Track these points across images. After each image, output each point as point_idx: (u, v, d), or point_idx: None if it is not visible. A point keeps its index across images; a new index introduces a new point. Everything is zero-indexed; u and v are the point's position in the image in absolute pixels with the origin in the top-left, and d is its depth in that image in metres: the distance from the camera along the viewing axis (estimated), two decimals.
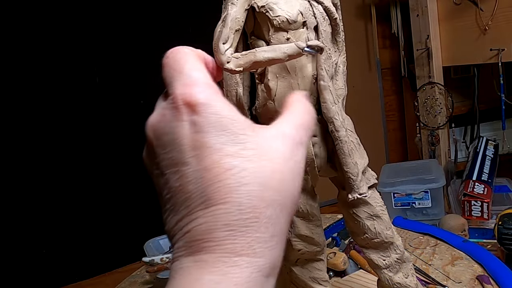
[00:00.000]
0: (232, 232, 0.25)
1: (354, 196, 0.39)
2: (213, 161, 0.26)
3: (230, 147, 0.26)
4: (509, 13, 1.34)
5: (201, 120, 0.27)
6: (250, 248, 0.25)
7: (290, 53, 0.33)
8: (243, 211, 0.25)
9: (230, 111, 0.27)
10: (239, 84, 0.38)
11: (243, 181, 0.26)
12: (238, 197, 0.25)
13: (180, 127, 0.27)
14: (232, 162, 0.26)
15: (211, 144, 0.26)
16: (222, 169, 0.26)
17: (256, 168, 0.26)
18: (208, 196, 0.26)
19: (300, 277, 0.44)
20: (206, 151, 0.26)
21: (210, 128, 0.26)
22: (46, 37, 1.35)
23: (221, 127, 0.27)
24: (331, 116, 0.38)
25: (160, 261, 0.86)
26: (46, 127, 1.38)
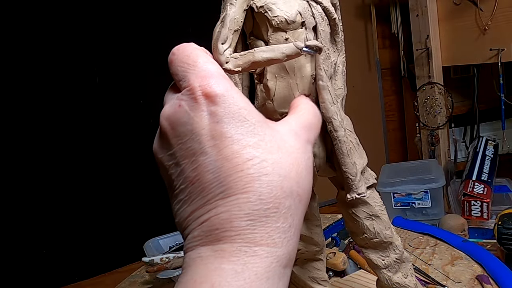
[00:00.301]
0: (252, 222, 0.25)
1: (353, 196, 0.39)
2: (233, 151, 0.26)
3: (250, 138, 0.27)
4: (509, 13, 1.34)
5: (221, 110, 0.27)
6: (269, 238, 0.25)
7: (288, 53, 0.33)
8: (263, 200, 0.26)
9: (247, 103, 0.28)
10: (238, 84, 0.38)
11: (264, 171, 0.26)
12: (259, 187, 0.26)
13: (199, 117, 0.27)
14: (253, 152, 0.26)
15: (231, 134, 0.26)
16: (243, 159, 0.26)
17: (276, 159, 0.27)
18: (228, 186, 0.26)
19: (299, 276, 0.44)
20: (226, 141, 0.26)
21: (230, 118, 0.27)
22: (46, 37, 1.35)
23: (240, 118, 0.27)
24: (330, 116, 0.38)
25: (160, 261, 0.86)
26: (46, 127, 1.38)
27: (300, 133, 0.30)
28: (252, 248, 0.25)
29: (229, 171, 0.26)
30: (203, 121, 0.27)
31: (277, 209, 0.26)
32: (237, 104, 0.27)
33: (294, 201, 0.27)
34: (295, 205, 0.27)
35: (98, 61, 1.44)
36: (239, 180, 0.26)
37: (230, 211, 0.25)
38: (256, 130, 0.27)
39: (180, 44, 0.31)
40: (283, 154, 0.27)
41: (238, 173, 0.26)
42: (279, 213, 0.26)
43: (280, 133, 0.28)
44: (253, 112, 0.28)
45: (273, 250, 0.25)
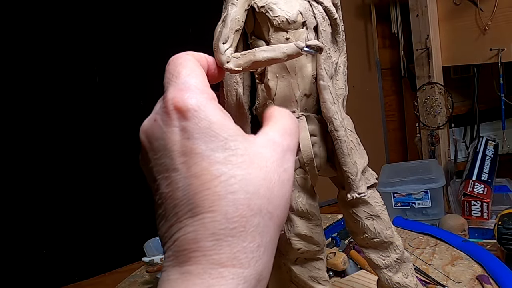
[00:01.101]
0: (218, 241, 0.25)
1: (353, 196, 0.39)
2: (202, 168, 0.26)
3: (219, 153, 0.26)
4: (509, 13, 1.34)
5: (191, 126, 0.26)
6: (236, 259, 0.25)
7: (289, 53, 0.33)
8: (229, 219, 0.25)
9: (222, 117, 0.27)
10: (239, 83, 0.38)
11: (230, 189, 0.25)
12: (225, 205, 0.25)
13: (171, 133, 0.27)
14: (221, 168, 0.25)
15: (200, 150, 0.26)
16: (211, 176, 0.25)
17: (245, 175, 0.26)
18: (196, 204, 0.25)
19: (299, 276, 0.44)
20: (195, 158, 0.26)
21: (200, 134, 0.26)
22: (46, 38, 1.35)
23: (211, 133, 0.26)
24: (331, 115, 0.38)
25: (160, 261, 0.86)
26: (46, 127, 1.38)
27: (278, 141, 0.28)
28: (218, 269, 0.24)
29: (197, 188, 0.25)
30: (174, 137, 0.26)
31: (243, 227, 0.25)
32: (208, 119, 0.26)
33: (263, 219, 0.26)
34: (264, 223, 0.26)
35: (98, 61, 1.44)
36: (206, 198, 0.25)
37: (196, 230, 0.25)
38: (228, 145, 0.26)
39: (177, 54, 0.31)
40: (253, 169, 0.26)
41: (205, 191, 0.25)
42: (246, 232, 0.25)
43: (256, 145, 0.27)
44: (226, 126, 0.27)
45: (239, 271, 0.25)
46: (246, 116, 0.38)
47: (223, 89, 0.38)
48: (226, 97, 0.38)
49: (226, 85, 0.38)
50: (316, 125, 0.40)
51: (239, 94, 0.38)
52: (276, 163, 0.27)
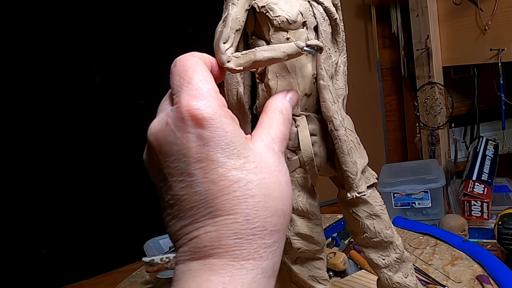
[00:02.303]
0: (240, 240, 0.27)
1: (353, 195, 0.39)
2: (219, 174, 0.27)
3: (235, 161, 0.28)
4: (509, 13, 1.34)
5: (207, 134, 0.27)
6: (256, 253, 0.27)
7: (289, 53, 0.33)
8: (250, 221, 0.27)
9: (233, 125, 0.29)
10: (239, 83, 0.38)
11: (249, 193, 0.28)
12: (246, 208, 0.27)
13: (186, 139, 0.28)
14: (238, 175, 0.28)
15: (217, 157, 0.27)
16: (229, 182, 0.27)
17: (260, 180, 0.28)
18: (216, 207, 0.27)
19: (299, 275, 0.44)
20: (212, 165, 0.27)
21: (216, 142, 0.28)
22: (47, 37, 1.36)
23: (226, 141, 0.28)
24: (331, 115, 0.38)
25: (160, 261, 0.86)
26: (46, 127, 1.38)
27: (274, 147, 0.31)
28: (239, 262, 0.27)
29: (216, 193, 0.27)
30: (189, 143, 0.28)
31: (263, 227, 0.28)
32: (223, 128, 0.28)
33: (279, 218, 0.29)
34: (280, 222, 0.29)
35: (98, 61, 1.44)
36: (226, 202, 0.27)
37: (218, 230, 0.27)
38: (241, 152, 0.28)
39: (183, 55, 0.31)
40: (265, 173, 0.29)
41: (224, 196, 0.27)
42: (265, 231, 0.28)
43: (259, 151, 0.30)
44: (238, 133, 0.29)
45: (259, 263, 0.28)
46: (246, 116, 0.38)
47: (224, 89, 0.38)
48: (227, 96, 0.38)
49: (227, 85, 0.38)
50: (316, 124, 0.40)
51: (239, 94, 0.38)
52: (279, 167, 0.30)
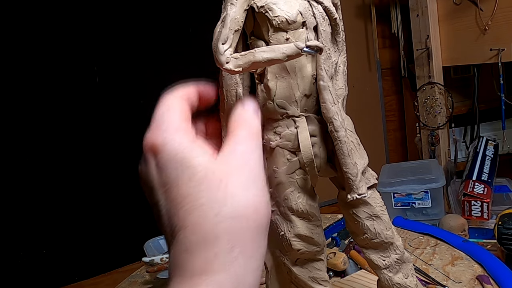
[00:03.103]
0: (191, 254, 0.27)
1: (354, 197, 0.39)
2: (174, 192, 0.28)
3: (185, 175, 0.28)
4: (509, 13, 1.34)
5: (161, 160, 0.29)
6: (208, 266, 0.26)
7: (289, 53, 0.33)
8: (198, 231, 0.27)
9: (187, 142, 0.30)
10: (238, 84, 0.38)
11: (197, 204, 0.27)
12: (193, 219, 0.27)
13: (150, 170, 0.30)
14: (188, 188, 0.28)
15: (171, 178, 0.29)
16: (180, 198, 0.28)
17: (208, 188, 0.28)
18: (173, 225, 0.28)
19: (299, 277, 0.44)
20: (168, 186, 0.29)
21: (169, 163, 0.29)
22: (47, 37, 1.35)
23: (177, 159, 0.29)
24: (331, 116, 0.38)
25: (160, 261, 0.86)
26: (46, 127, 1.38)
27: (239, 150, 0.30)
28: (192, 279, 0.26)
29: (173, 212, 0.28)
30: (153, 172, 0.30)
31: (214, 234, 0.27)
32: (174, 149, 0.29)
33: (234, 222, 0.27)
34: (235, 226, 0.27)
35: (98, 61, 1.44)
36: (178, 218, 0.28)
37: (175, 247, 0.28)
38: (191, 164, 0.29)
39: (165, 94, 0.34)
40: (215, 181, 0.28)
41: (178, 212, 0.28)
42: (218, 238, 0.27)
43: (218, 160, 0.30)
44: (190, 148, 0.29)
45: (212, 277, 0.26)
46: None
47: (223, 90, 0.38)
48: (226, 97, 0.38)
49: (225, 86, 0.38)
50: (316, 125, 0.40)
51: (239, 95, 0.38)
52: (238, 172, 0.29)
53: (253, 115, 0.34)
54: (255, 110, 0.34)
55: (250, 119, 0.33)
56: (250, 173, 0.29)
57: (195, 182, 0.28)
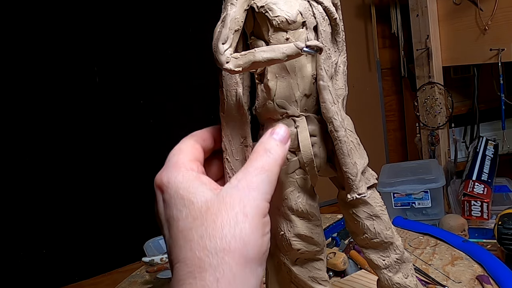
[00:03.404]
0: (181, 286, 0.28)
1: (353, 196, 0.39)
2: (174, 228, 0.31)
3: (183, 212, 0.30)
4: (509, 13, 1.34)
5: (166, 196, 0.32)
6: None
7: (289, 53, 0.33)
8: (188, 264, 0.29)
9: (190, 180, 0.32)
10: (238, 84, 0.38)
11: (188, 238, 0.29)
12: (185, 253, 0.29)
13: (158, 207, 0.33)
14: (183, 224, 0.30)
15: (173, 214, 0.31)
16: (178, 233, 0.30)
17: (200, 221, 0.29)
18: (172, 260, 0.30)
19: (299, 276, 0.44)
20: (171, 221, 0.31)
21: (172, 200, 0.31)
22: (46, 37, 1.35)
23: (179, 196, 0.31)
24: (330, 116, 0.38)
25: (160, 261, 0.86)
26: (46, 127, 1.38)
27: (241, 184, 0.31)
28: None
29: (172, 246, 0.30)
30: (160, 209, 0.32)
31: (200, 268, 0.28)
32: (176, 187, 0.32)
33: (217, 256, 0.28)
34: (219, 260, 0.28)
35: (98, 61, 1.44)
36: (174, 252, 0.30)
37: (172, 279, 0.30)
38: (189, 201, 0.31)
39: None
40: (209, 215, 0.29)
41: (175, 247, 0.30)
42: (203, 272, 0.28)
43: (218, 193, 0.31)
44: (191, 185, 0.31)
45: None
46: (245, 117, 0.38)
47: (223, 90, 0.38)
48: (226, 97, 0.38)
49: (225, 86, 0.38)
50: (316, 125, 0.40)
51: (238, 95, 0.38)
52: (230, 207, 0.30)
53: (278, 144, 0.34)
54: (282, 138, 0.34)
55: (274, 148, 0.33)
56: (244, 208, 0.30)
57: (191, 218, 0.30)
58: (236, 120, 0.38)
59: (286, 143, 0.34)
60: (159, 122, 1.50)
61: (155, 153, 1.43)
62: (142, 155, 1.46)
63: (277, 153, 0.33)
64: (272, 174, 0.32)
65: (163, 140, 1.42)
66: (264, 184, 0.31)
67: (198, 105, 1.54)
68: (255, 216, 0.30)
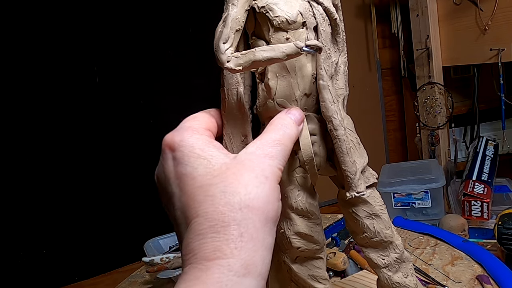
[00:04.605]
0: (202, 240, 0.28)
1: (352, 195, 0.40)
2: (189, 185, 0.30)
3: (201, 169, 0.31)
4: (509, 13, 1.34)
5: (178, 154, 0.32)
6: (219, 251, 0.28)
7: (288, 53, 0.33)
8: (209, 218, 0.29)
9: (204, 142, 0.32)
10: (239, 83, 0.38)
11: (208, 194, 0.29)
12: (205, 208, 0.29)
13: (166, 165, 0.32)
14: (202, 180, 0.30)
15: (187, 171, 0.31)
16: (194, 189, 0.30)
17: (222, 180, 0.30)
18: (187, 216, 0.30)
19: (299, 274, 0.44)
20: (184, 178, 0.31)
21: (185, 158, 0.31)
22: (47, 37, 1.36)
23: (194, 155, 0.31)
24: (330, 115, 0.38)
25: (160, 261, 0.86)
26: (46, 127, 1.38)
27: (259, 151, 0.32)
28: (204, 264, 0.28)
29: (187, 202, 0.30)
30: (169, 167, 0.32)
31: (224, 222, 0.28)
32: (191, 145, 0.32)
33: (241, 211, 0.29)
34: (243, 215, 0.29)
35: (98, 61, 1.44)
36: (192, 208, 0.30)
37: (188, 237, 0.29)
38: (207, 160, 0.31)
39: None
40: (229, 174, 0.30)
41: (191, 203, 0.30)
42: (228, 226, 0.28)
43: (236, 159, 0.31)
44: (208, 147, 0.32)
45: (223, 261, 0.28)
46: (246, 116, 0.39)
47: (224, 89, 0.38)
48: (227, 96, 0.38)
49: (227, 85, 0.38)
50: (316, 124, 0.40)
51: (239, 94, 0.38)
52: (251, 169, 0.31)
53: (293, 123, 0.35)
54: (297, 119, 0.36)
55: (289, 125, 0.35)
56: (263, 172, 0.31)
57: (209, 175, 0.30)
58: (237, 119, 0.39)
59: (299, 125, 0.36)
60: (159, 122, 1.50)
61: (155, 153, 1.43)
62: (142, 155, 1.46)
63: (292, 130, 0.35)
64: (286, 148, 0.34)
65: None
66: (279, 155, 0.33)
67: (198, 105, 1.54)
68: (273, 181, 0.31)
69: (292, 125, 0.35)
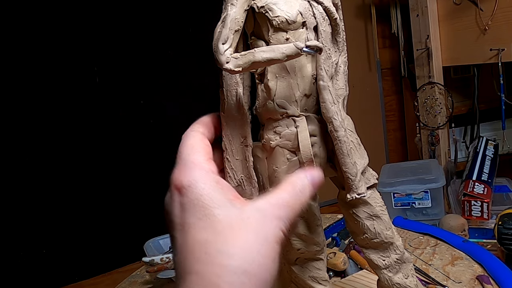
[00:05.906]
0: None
1: (353, 196, 0.39)
2: (190, 235, 0.30)
3: (203, 222, 0.30)
4: (509, 13, 1.34)
5: (185, 200, 0.31)
6: None
7: (288, 53, 0.33)
8: (204, 278, 0.28)
9: (212, 189, 0.31)
10: (239, 84, 0.38)
11: (206, 253, 0.29)
12: (201, 267, 0.29)
13: (173, 207, 0.32)
14: (203, 234, 0.30)
15: (191, 221, 0.30)
16: (194, 243, 0.30)
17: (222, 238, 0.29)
18: (183, 268, 0.30)
19: (299, 276, 0.44)
20: (187, 227, 0.30)
21: (191, 206, 0.31)
22: (47, 38, 1.35)
23: (200, 204, 0.31)
24: (330, 116, 0.38)
25: (160, 261, 0.86)
26: (47, 127, 1.38)
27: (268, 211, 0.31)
28: None
29: (185, 254, 0.30)
30: (175, 211, 0.32)
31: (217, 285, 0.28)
32: (199, 193, 0.31)
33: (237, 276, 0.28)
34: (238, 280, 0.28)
35: (98, 61, 1.44)
36: (189, 262, 0.29)
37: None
38: (212, 213, 0.30)
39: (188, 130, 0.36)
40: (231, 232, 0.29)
41: (189, 256, 0.29)
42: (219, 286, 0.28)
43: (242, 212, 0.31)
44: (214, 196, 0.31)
45: None
46: (246, 117, 0.38)
47: (223, 90, 0.38)
48: (226, 97, 0.38)
49: (226, 86, 0.38)
50: (316, 125, 0.40)
51: (239, 95, 0.38)
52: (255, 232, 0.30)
53: (309, 186, 0.35)
54: (315, 182, 0.35)
55: (304, 190, 0.34)
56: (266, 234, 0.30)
57: (211, 231, 0.30)
58: (236, 120, 0.38)
59: (316, 188, 0.35)
60: (159, 122, 1.50)
61: (155, 153, 1.44)
62: (142, 155, 1.46)
63: (305, 195, 0.34)
64: (295, 212, 0.33)
65: (163, 140, 1.42)
66: (287, 218, 0.32)
67: (198, 105, 1.54)
68: (274, 244, 0.31)
69: (307, 189, 0.34)
